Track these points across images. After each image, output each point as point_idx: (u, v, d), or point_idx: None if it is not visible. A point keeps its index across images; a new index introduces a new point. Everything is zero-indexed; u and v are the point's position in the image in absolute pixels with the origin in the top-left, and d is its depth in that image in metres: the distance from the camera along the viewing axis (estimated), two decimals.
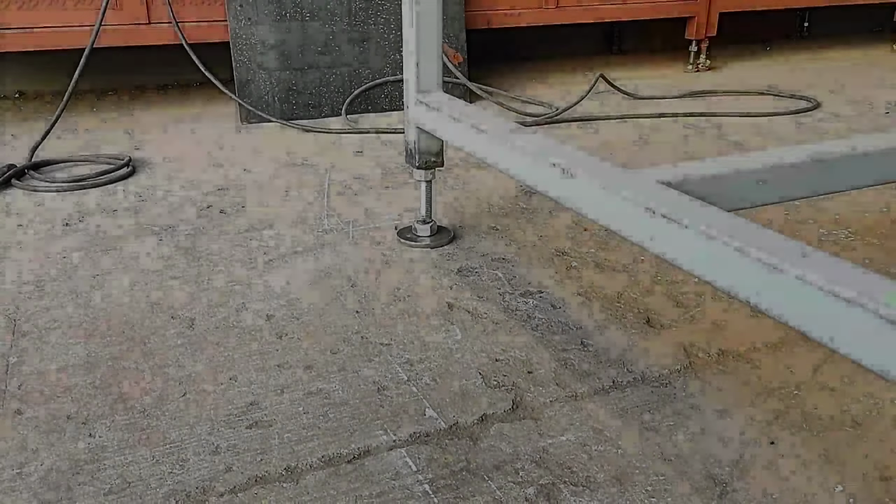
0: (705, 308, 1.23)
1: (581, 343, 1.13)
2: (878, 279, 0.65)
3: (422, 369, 1.06)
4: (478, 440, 0.91)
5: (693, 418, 0.95)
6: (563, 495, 0.82)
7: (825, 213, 1.63)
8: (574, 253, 1.44)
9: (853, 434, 0.92)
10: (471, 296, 1.27)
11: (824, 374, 1.04)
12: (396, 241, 1.49)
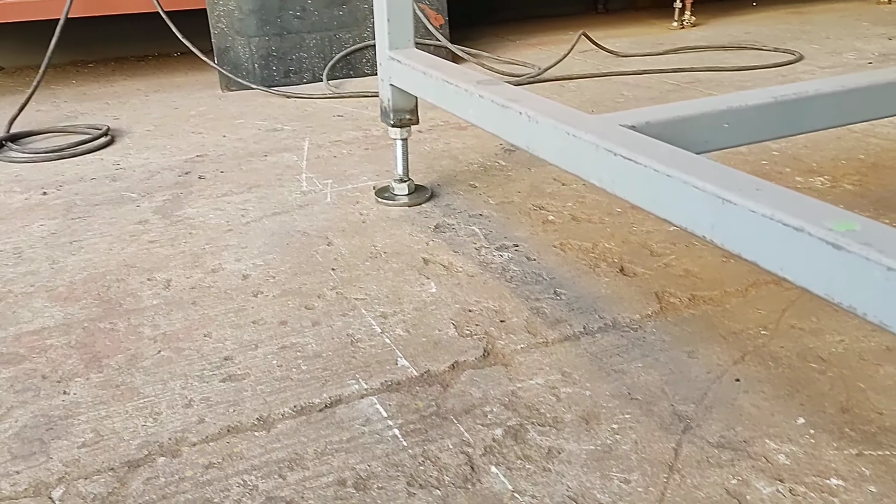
0: (679, 256, 1.24)
1: (554, 292, 1.14)
2: (825, 207, 0.65)
3: (395, 321, 1.07)
4: (448, 386, 0.93)
5: (661, 360, 0.97)
6: (530, 435, 0.84)
7: (803, 162, 1.63)
8: (551, 207, 1.45)
9: (817, 370, 0.94)
10: (447, 251, 1.28)
11: (792, 315, 1.06)
12: (374, 201, 1.50)
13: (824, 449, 0.80)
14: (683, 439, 0.83)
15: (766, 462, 0.79)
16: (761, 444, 0.81)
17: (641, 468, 0.79)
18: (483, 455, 0.81)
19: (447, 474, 0.78)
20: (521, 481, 0.77)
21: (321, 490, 0.76)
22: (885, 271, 0.57)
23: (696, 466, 0.79)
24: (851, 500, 0.74)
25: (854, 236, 0.60)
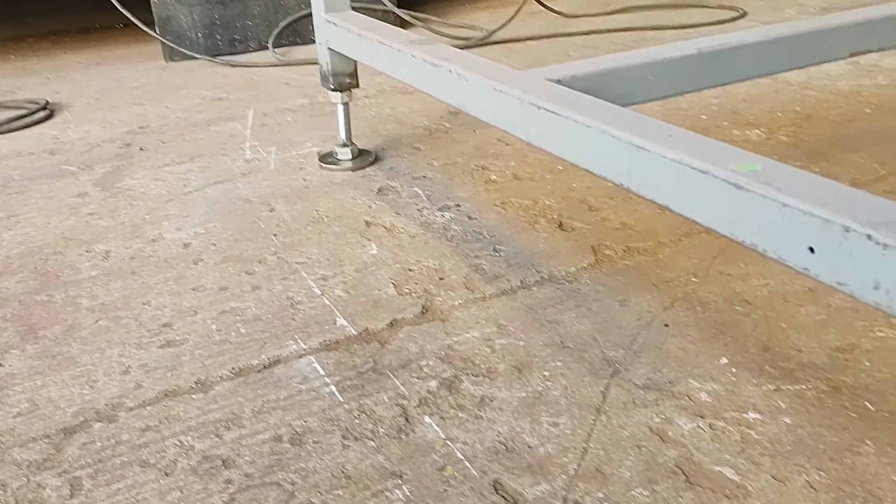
0: (616, 210, 1.26)
1: (494, 249, 1.15)
2: (730, 150, 0.67)
3: (335, 283, 1.08)
4: (386, 343, 0.94)
5: (594, 309, 0.99)
6: (464, 385, 0.86)
7: (741, 115, 1.66)
8: (494, 167, 1.46)
9: (742, 313, 0.97)
10: (389, 213, 1.29)
11: (721, 262, 1.09)
12: (318, 167, 1.49)
13: (744, 386, 0.84)
14: (612, 383, 0.85)
15: (688, 400, 0.82)
16: (685, 384, 0.85)
17: (570, 412, 0.81)
18: (417, 406, 0.83)
19: (382, 426, 0.80)
20: (454, 429, 0.79)
21: (257, 447, 0.78)
22: (782, 208, 0.59)
23: (623, 407, 0.81)
24: (767, 431, 0.77)
25: (755, 176, 0.63)
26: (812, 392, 0.82)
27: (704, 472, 0.73)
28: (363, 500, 0.71)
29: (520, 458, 0.75)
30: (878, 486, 0.70)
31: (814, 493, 0.70)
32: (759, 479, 0.71)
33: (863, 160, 1.40)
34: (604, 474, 0.73)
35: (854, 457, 0.73)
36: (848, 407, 0.80)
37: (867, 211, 0.55)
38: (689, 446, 0.76)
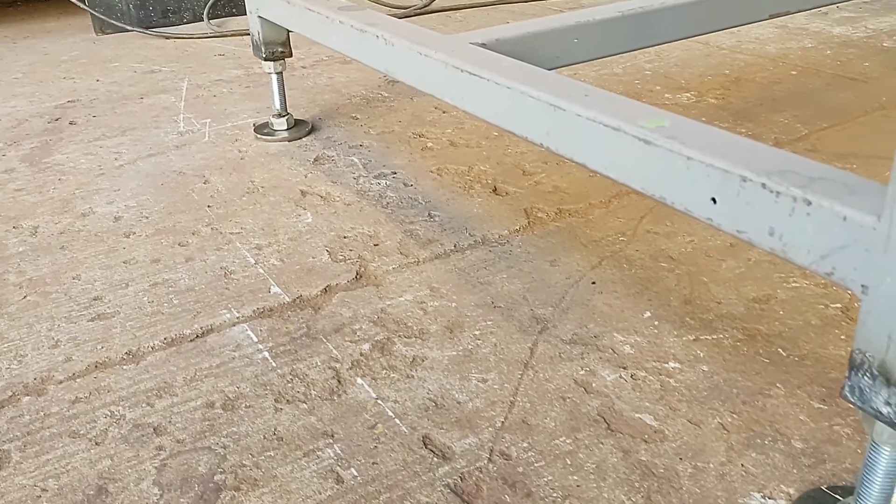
0: (549, 174, 1.28)
1: (429, 215, 1.17)
2: (641, 107, 0.69)
3: (270, 252, 1.08)
4: (319, 309, 0.95)
5: (525, 270, 1.01)
6: (396, 347, 0.87)
7: (673, 80, 1.70)
8: (431, 135, 1.47)
9: (667, 269, 1.00)
10: (325, 182, 1.29)
11: (649, 221, 1.12)
12: (253, 138, 1.48)
13: (665, 337, 0.87)
14: (539, 339, 0.88)
15: (612, 353, 0.85)
16: (610, 337, 0.87)
17: (499, 368, 0.83)
18: (350, 369, 0.84)
19: (314, 389, 0.81)
20: (385, 389, 0.81)
21: (189, 414, 0.78)
22: (686, 161, 0.62)
23: (549, 362, 0.84)
24: (685, 379, 0.81)
25: (662, 132, 0.65)
26: (729, 341, 0.86)
27: (625, 419, 0.76)
28: (295, 460, 0.72)
29: (449, 413, 0.77)
30: (786, 426, 0.74)
31: (726, 434, 0.73)
32: (675, 424, 0.75)
33: (786, 120, 1.45)
34: (529, 425, 0.75)
35: (765, 399, 0.77)
36: (762, 353, 0.84)
37: (763, 162, 0.58)
38: (611, 396, 0.79)
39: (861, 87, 1.62)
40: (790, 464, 0.70)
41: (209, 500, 0.68)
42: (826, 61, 1.78)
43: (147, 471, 0.71)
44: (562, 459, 0.71)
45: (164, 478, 0.70)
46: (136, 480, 0.70)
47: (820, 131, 1.40)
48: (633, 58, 1.86)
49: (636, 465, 0.70)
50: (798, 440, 0.72)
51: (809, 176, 0.55)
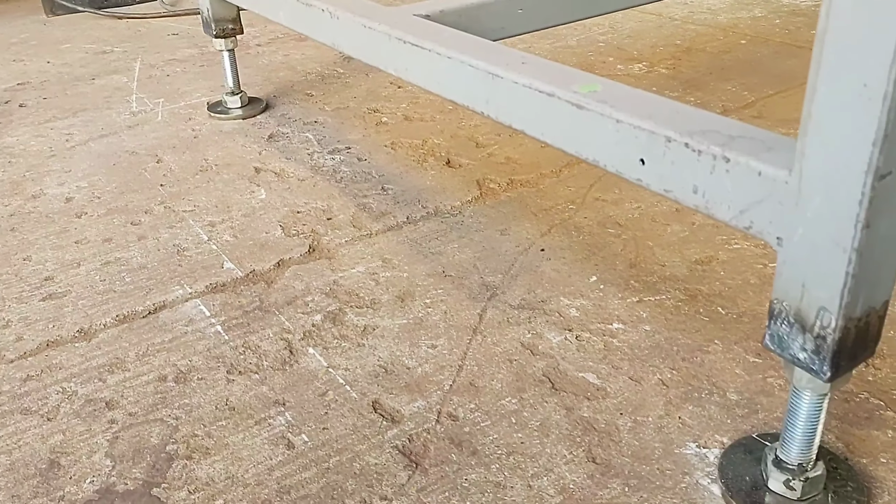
0: (502, 146, 1.30)
1: (382, 188, 1.18)
2: (575, 73, 0.71)
3: (223, 229, 1.08)
4: (272, 282, 0.96)
5: (476, 239, 1.03)
6: (348, 317, 0.89)
7: (625, 51, 1.71)
8: (385, 110, 1.47)
9: (614, 234, 1.03)
10: (279, 158, 1.29)
11: (597, 189, 1.14)
12: (207, 117, 1.47)
13: (610, 300, 0.89)
14: (488, 305, 0.90)
15: (559, 316, 0.87)
16: (557, 302, 0.90)
17: (448, 334, 0.85)
18: (302, 339, 0.85)
19: (266, 360, 0.82)
20: (337, 358, 0.82)
21: (141, 388, 0.79)
22: (616, 123, 0.63)
23: (497, 327, 0.86)
24: (628, 338, 0.83)
25: (594, 96, 0.66)
26: (671, 301, 0.89)
27: (569, 378, 0.78)
28: (246, 428, 0.73)
29: (398, 379, 0.79)
30: (722, 379, 0.77)
31: (665, 389, 0.76)
32: (617, 381, 0.77)
33: (734, 88, 1.48)
34: (476, 387, 0.77)
35: (704, 355, 0.80)
36: (702, 312, 0.87)
37: (686, 122, 0.60)
38: (556, 357, 0.81)
39: (807, 55, 1.65)
40: (725, 415, 0.72)
41: (161, 470, 0.69)
42: (775, 30, 1.81)
43: (99, 444, 0.72)
44: (507, 419, 0.73)
45: (117, 450, 0.71)
46: (88, 453, 0.71)
47: (766, 98, 1.43)
48: (588, 30, 1.87)
49: (578, 421, 0.73)
50: (733, 392, 0.75)
51: (729, 134, 0.57)
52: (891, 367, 0.77)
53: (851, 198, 0.48)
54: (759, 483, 0.64)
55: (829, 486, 0.63)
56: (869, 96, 0.46)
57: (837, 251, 0.50)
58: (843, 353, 0.53)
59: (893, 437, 0.69)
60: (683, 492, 0.65)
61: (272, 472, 0.69)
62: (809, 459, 0.61)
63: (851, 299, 0.51)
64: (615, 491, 0.65)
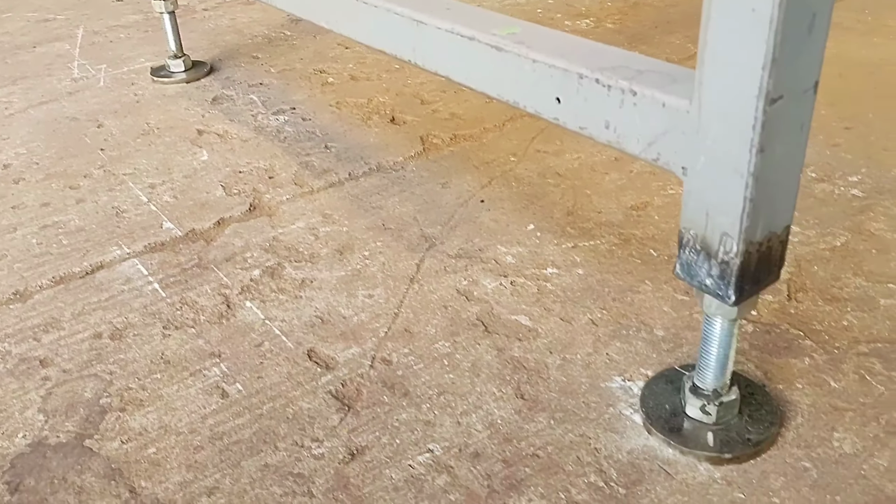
0: (447, 102, 1.30)
1: (325, 146, 1.17)
2: (496, 17, 0.71)
3: (163, 190, 1.07)
4: (212, 241, 0.96)
5: (417, 193, 1.04)
6: (286, 271, 0.89)
7: (574, 7, 1.71)
8: (332, 70, 1.46)
9: (553, 184, 1.04)
10: (223, 120, 1.28)
11: (539, 142, 1.15)
12: (150, 81, 1.45)
13: (546, 246, 0.91)
14: (426, 256, 0.91)
15: (495, 264, 0.88)
16: (494, 250, 0.91)
17: (385, 284, 0.86)
18: (239, 294, 0.86)
19: (203, 314, 0.83)
20: (274, 310, 0.83)
21: (76, 346, 0.79)
22: (532, 64, 0.64)
23: (434, 275, 0.87)
24: (561, 282, 0.85)
25: (512, 38, 0.67)
26: (605, 246, 0.90)
27: (502, 321, 0.79)
28: (181, 380, 0.74)
29: (334, 328, 0.80)
30: (650, 317, 0.79)
31: (595, 327, 0.78)
32: (548, 322, 0.79)
33: (679, 41, 1.49)
34: (411, 333, 0.78)
35: (634, 295, 0.82)
36: (634, 255, 0.88)
37: (598, 59, 0.61)
38: (490, 302, 0.82)
39: None
40: (651, 350, 0.74)
41: (94, 423, 0.69)
42: None
43: (32, 400, 0.72)
44: (440, 361, 0.75)
45: (49, 405, 0.71)
46: (20, 409, 0.71)
47: None
48: None
49: (509, 360, 0.74)
50: (660, 329, 0.77)
51: (637, 69, 0.58)
52: (812, 300, 0.80)
53: (745, 123, 0.49)
54: (677, 410, 0.66)
55: (744, 410, 0.65)
56: (757, 21, 0.47)
57: (735, 177, 0.51)
58: (746, 277, 0.55)
59: (810, 364, 0.71)
60: (607, 422, 0.67)
61: (205, 420, 0.69)
62: (724, 385, 0.63)
63: (751, 224, 0.53)
64: (541, 424, 0.67)
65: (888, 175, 1.01)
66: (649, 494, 0.60)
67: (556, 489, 0.61)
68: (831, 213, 0.94)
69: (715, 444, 0.62)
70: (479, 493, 0.61)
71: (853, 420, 0.65)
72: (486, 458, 0.64)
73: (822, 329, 0.76)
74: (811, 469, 0.61)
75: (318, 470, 0.64)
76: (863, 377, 0.70)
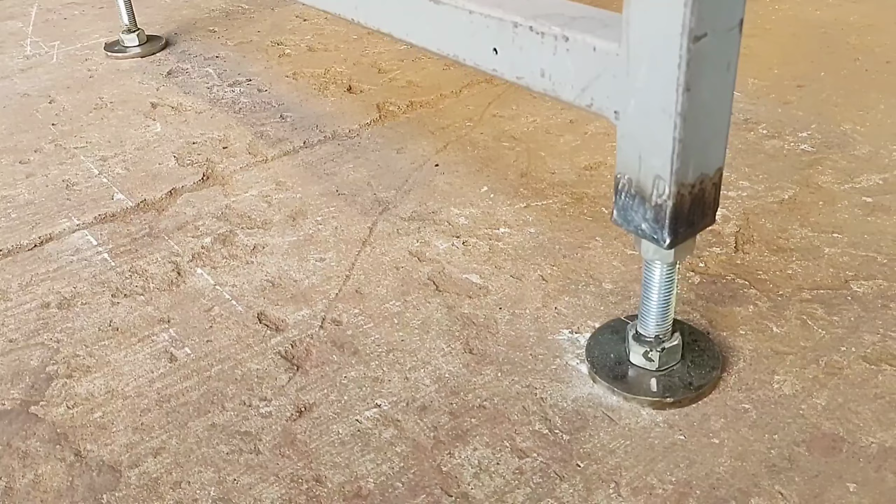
0: (404, 71, 1.29)
1: (281, 116, 1.16)
2: None
3: (115, 163, 1.06)
4: (163, 210, 0.95)
5: (372, 159, 1.03)
6: (238, 238, 0.88)
7: None
8: (289, 42, 1.44)
9: (508, 147, 1.04)
10: (177, 93, 1.26)
11: (495, 107, 1.15)
12: (104, 57, 1.43)
13: (499, 207, 0.91)
14: (379, 219, 0.90)
15: (448, 225, 0.88)
16: (447, 212, 0.91)
17: (338, 247, 0.86)
18: (190, 261, 0.85)
19: (153, 282, 0.82)
20: (225, 275, 0.82)
21: (23, 315, 0.78)
22: (469, 15, 0.64)
23: (387, 238, 0.87)
24: (513, 240, 0.85)
25: None
26: (557, 205, 0.91)
27: (453, 280, 0.80)
28: (129, 346, 0.73)
29: (285, 291, 0.79)
30: (599, 272, 0.79)
31: (545, 283, 0.78)
32: (499, 280, 0.79)
33: None
34: (362, 294, 0.78)
35: (584, 251, 0.82)
36: (586, 213, 0.89)
37: (532, 7, 0.60)
38: (442, 262, 0.82)
39: None
40: (599, 302, 0.75)
41: (40, 389, 0.69)
42: None
43: None
44: (389, 320, 0.75)
45: None
46: None
47: None
48: None
49: (459, 317, 0.74)
50: (609, 282, 0.78)
51: (571, 16, 0.58)
52: (759, 251, 0.81)
53: (670, 62, 0.50)
54: (622, 359, 0.66)
55: (687, 356, 0.66)
56: None
57: (664, 118, 0.52)
58: (680, 219, 0.55)
59: (754, 311, 0.72)
60: (553, 372, 0.67)
61: (153, 383, 0.69)
62: (666, 331, 0.64)
63: (682, 165, 0.53)
64: (488, 377, 0.67)
65: (838, 130, 1.02)
66: (592, 439, 0.61)
67: (500, 438, 0.61)
68: (780, 168, 0.95)
69: (657, 390, 0.63)
70: (425, 444, 0.61)
71: (793, 363, 0.66)
72: (432, 411, 0.64)
73: (767, 278, 0.77)
74: (751, 410, 0.62)
75: (265, 428, 0.64)
76: (804, 322, 0.71)
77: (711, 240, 0.82)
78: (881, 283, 0.75)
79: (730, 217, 0.86)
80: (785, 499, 0.55)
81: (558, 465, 0.59)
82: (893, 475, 0.56)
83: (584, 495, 0.56)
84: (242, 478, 0.60)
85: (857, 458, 0.58)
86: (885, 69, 1.18)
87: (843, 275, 0.76)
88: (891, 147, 0.97)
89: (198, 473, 0.60)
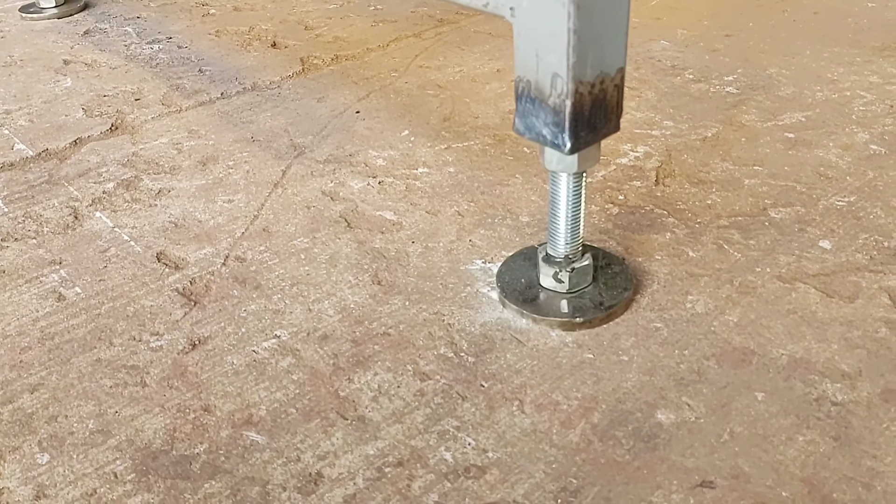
0: (332, 27, 1.25)
1: (199, 70, 1.12)
2: None
3: (19, 115, 1.00)
4: (65, 159, 0.90)
5: (291, 108, 0.99)
6: (143, 183, 0.84)
7: None
8: (214, 2, 1.39)
9: (433, 95, 1.01)
10: (92, 51, 1.20)
11: (422, 59, 1.12)
12: (19, 19, 1.36)
13: (419, 149, 0.88)
14: (294, 163, 0.87)
15: (365, 167, 0.85)
16: (364, 155, 0.87)
17: (248, 190, 0.82)
18: (90, 206, 0.80)
19: (47, 226, 0.77)
20: (125, 218, 0.78)
21: None
22: None
23: (300, 180, 0.83)
24: (431, 180, 0.82)
25: None
26: (479, 146, 0.88)
27: (366, 217, 0.76)
28: (15, 288, 0.68)
29: (188, 231, 0.75)
30: (517, 206, 0.77)
31: (461, 218, 0.75)
32: (413, 216, 0.76)
33: None
34: (269, 232, 0.75)
35: (503, 188, 0.80)
36: (507, 153, 0.86)
37: None
38: (356, 201, 0.79)
39: None
40: (514, 234, 0.72)
41: None
42: None
43: None
44: (296, 256, 0.71)
45: None
46: None
47: None
48: None
49: (369, 251, 0.71)
50: (526, 216, 0.75)
51: None
52: (679, 184, 0.79)
53: None
54: (533, 283, 0.64)
55: (599, 278, 0.64)
56: None
57: (558, 7, 0.49)
58: (580, 122, 0.53)
59: (671, 238, 0.71)
60: (463, 300, 0.64)
61: (37, 322, 0.64)
62: (576, 251, 0.62)
63: (579, 60, 0.51)
64: (395, 306, 0.64)
65: (763, 73, 1.01)
66: (498, 361, 0.58)
67: (403, 362, 0.58)
68: (705, 109, 0.93)
69: (567, 311, 0.61)
70: (323, 371, 0.58)
71: (707, 284, 0.65)
72: (334, 340, 0.61)
73: (686, 208, 0.75)
74: (662, 328, 0.60)
75: (154, 361, 0.60)
76: (720, 246, 0.69)
77: (632, 174, 0.81)
78: (799, 209, 0.74)
79: (652, 153, 0.84)
80: (692, 409, 0.53)
81: (461, 386, 0.56)
82: (803, 384, 0.55)
83: (487, 413, 0.54)
84: (125, 410, 0.56)
85: (767, 368, 0.56)
86: (813, 19, 1.18)
87: (761, 203, 0.75)
88: (815, 88, 0.97)
89: (77, 407, 0.56)
